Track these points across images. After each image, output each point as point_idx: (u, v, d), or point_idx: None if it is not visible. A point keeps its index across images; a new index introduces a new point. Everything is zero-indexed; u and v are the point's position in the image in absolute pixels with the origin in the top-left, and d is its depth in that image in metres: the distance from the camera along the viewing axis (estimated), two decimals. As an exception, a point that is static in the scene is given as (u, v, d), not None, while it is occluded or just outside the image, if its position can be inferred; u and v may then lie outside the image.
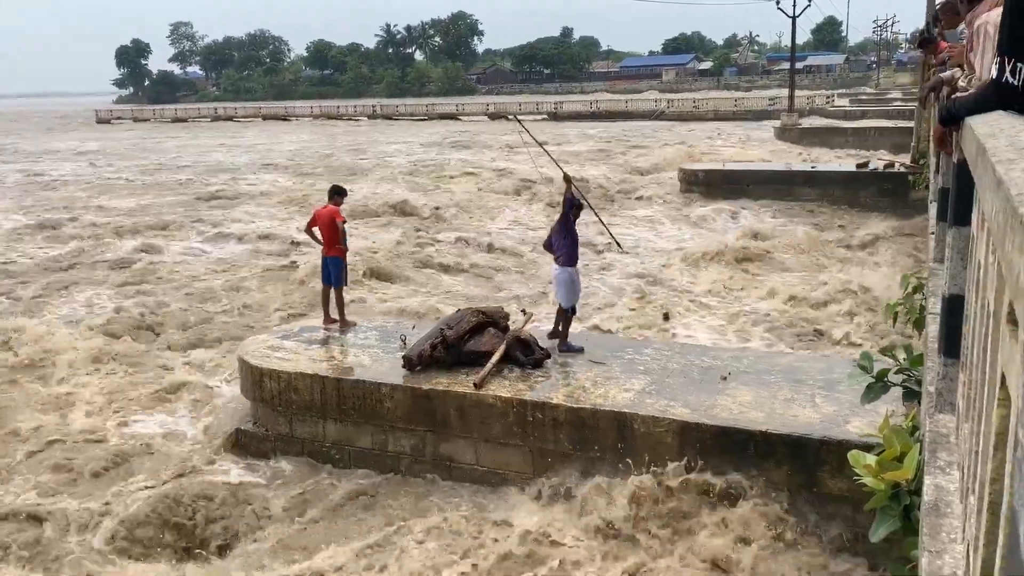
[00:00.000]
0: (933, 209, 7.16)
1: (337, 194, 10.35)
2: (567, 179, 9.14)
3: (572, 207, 8.98)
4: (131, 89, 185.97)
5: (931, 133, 9.08)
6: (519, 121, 10.25)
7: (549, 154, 10.03)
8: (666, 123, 64.81)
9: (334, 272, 10.20)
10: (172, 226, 23.16)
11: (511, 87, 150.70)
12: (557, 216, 9.36)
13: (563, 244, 8.92)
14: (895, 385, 3.52)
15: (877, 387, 3.43)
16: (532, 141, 9.48)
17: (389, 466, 8.40)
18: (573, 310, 9.33)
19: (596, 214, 10.37)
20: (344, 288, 10.51)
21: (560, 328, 9.25)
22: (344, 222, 10.28)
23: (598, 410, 7.37)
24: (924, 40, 11.27)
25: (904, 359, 3.53)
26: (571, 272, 9.04)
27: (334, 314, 10.46)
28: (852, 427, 6.70)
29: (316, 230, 10.34)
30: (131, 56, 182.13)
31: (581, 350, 8.97)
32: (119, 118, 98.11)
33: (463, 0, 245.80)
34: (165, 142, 59.76)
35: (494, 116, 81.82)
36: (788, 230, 19.73)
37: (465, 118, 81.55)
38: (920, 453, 2.40)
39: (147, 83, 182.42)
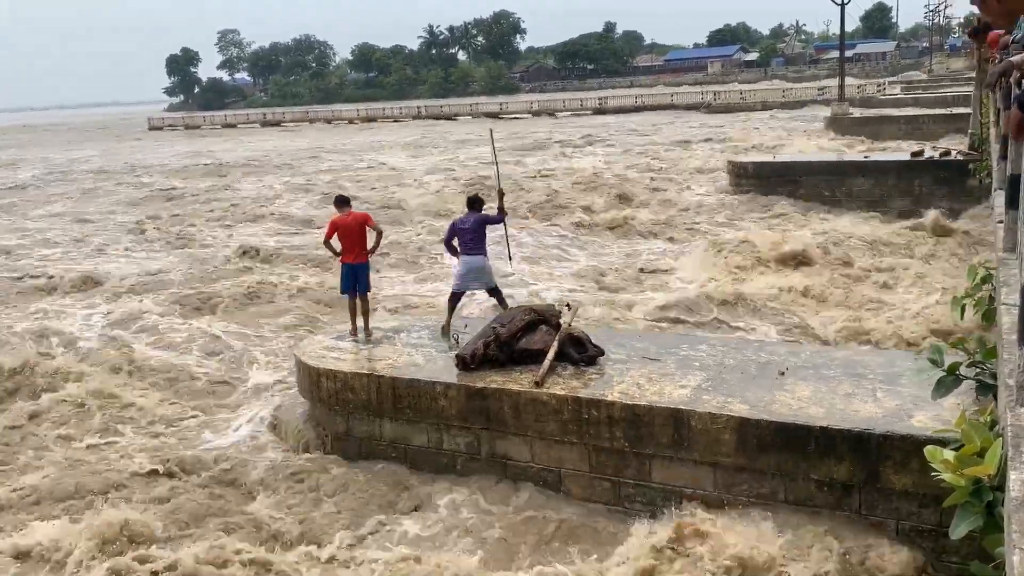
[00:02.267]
0: (1000, 197, 6.93)
1: (348, 203, 10.28)
2: (501, 194, 10.44)
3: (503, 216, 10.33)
4: (181, 97, 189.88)
5: (997, 119, 8.82)
6: (491, 134, 11.67)
7: (497, 169, 11.36)
8: (715, 114, 64.37)
9: (364, 279, 10.17)
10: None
11: (554, 84, 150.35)
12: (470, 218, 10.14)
13: (483, 239, 10.01)
14: (967, 379, 3.42)
15: (948, 380, 3.34)
16: (495, 155, 11.37)
17: (445, 464, 8.45)
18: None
19: (505, 226, 10.82)
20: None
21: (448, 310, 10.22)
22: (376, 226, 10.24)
23: (654, 407, 7.31)
24: (975, 31, 11.02)
25: (976, 352, 3.43)
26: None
27: (360, 321, 10.29)
28: (916, 421, 6.54)
29: (334, 241, 10.12)
30: (181, 64, 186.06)
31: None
32: (171, 125, 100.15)
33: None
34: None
35: (538, 114, 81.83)
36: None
37: (508, 116, 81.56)
38: (1002, 448, 2.33)
39: (197, 90, 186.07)
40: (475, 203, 10.23)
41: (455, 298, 10.27)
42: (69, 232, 25.19)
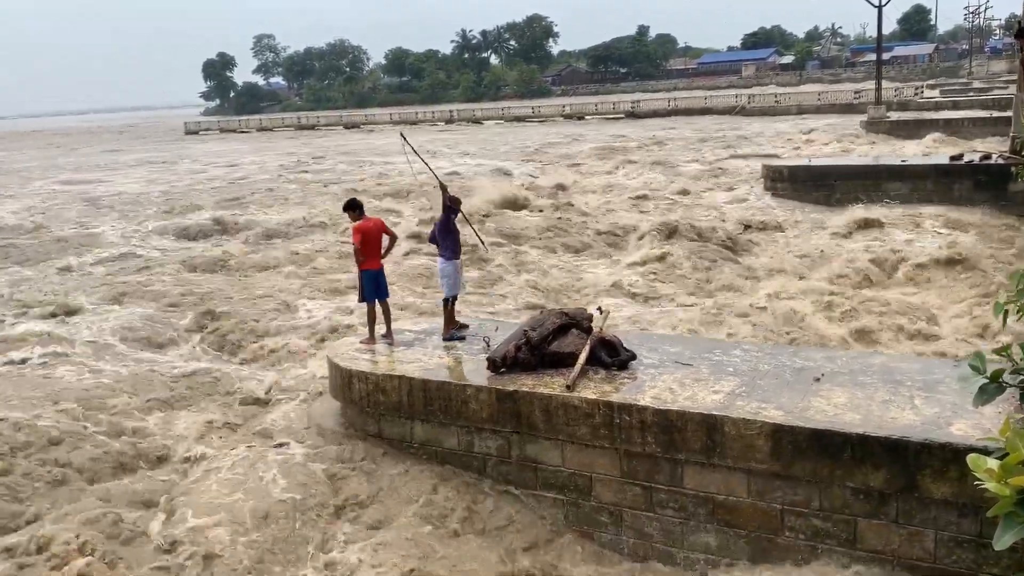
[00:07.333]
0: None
1: (360, 207, 10.17)
2: (443, 187, 10.08)
3: (451, 210, 9.81)
4: (217, 101, 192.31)
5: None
6: (404, 139, 10.65)
7: (429, 166, 10.93)
8: (748, 118, 63.90)
9: (384, 285, 10.17)
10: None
11: (587, 87, 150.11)
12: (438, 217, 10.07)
13: (447, 241, 9.81)
14: (1011, 386, 3.33)
15: (992, 388, 3.24)
16: (418, 157, 10.41)
17: (475, 467, 8.45)
18: (455, 298, 10.14)
19: (467, 219, 10.60)
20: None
21: (448, 316, 10.07)
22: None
23: (687, 412, 7.24)
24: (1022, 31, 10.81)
25: (1021, 359, 3.35)
26: (456, 264, 9.91)
27: (381, 328, 10.25)
28: (955, 429, 6.42)
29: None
30: (217, 69, 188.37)
31: (463, 338, 9.92)
32: (207, 130, 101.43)
33: (538, 2, 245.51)
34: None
35: (569, 117, 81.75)
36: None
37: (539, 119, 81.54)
38: (1049, 457, 2.27)
39: (232, 95, 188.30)
40: (447, 205, 9.88)
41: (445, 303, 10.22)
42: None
